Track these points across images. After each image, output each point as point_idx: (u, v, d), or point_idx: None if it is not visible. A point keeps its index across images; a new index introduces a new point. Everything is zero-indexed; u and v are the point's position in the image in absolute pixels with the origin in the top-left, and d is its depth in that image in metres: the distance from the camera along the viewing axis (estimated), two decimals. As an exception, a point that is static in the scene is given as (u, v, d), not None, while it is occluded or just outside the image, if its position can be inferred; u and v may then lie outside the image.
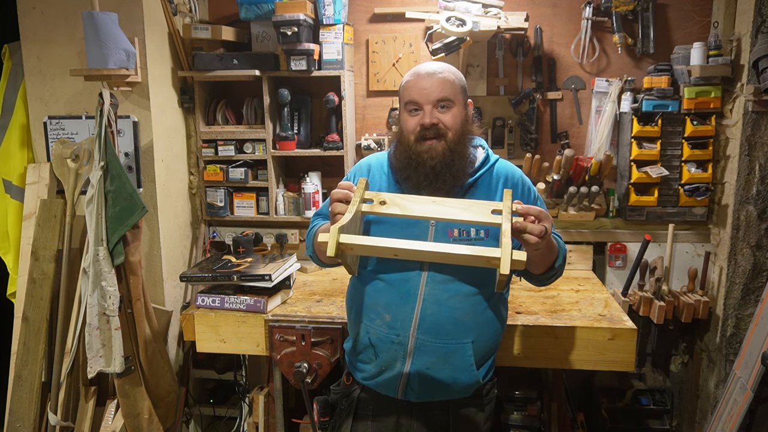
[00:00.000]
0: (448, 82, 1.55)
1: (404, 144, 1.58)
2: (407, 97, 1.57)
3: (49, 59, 2.50)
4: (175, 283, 2.69)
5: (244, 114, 2.78)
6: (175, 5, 2.59)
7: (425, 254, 1.36)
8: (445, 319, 1.55)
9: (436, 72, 1.55)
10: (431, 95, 1.53)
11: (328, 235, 1.31)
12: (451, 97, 1.54)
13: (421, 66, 1.60)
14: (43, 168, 2.55)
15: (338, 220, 1.38)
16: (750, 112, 2.29)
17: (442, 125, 1.53)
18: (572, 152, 2.56)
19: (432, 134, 1.53)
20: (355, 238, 1.34)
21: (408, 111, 1.57)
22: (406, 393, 1.58)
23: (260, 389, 2.54)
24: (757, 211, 2.34)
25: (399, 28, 2.76)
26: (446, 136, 1.54)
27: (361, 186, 1.46)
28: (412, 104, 1.56)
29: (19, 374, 2.41)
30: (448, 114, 1.54)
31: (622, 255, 2.66)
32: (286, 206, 2.78)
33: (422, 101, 1.54)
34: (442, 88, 1.53)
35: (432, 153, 1.53)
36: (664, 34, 2.60)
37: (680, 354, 2.75)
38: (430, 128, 1.53)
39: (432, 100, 1.53)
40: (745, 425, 2.08)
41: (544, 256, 1.52)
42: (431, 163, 1.52)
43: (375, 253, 1.45)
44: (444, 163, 1.52)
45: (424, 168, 1.53)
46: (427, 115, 1.53)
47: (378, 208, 1.45)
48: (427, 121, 1.53)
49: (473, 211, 1.41)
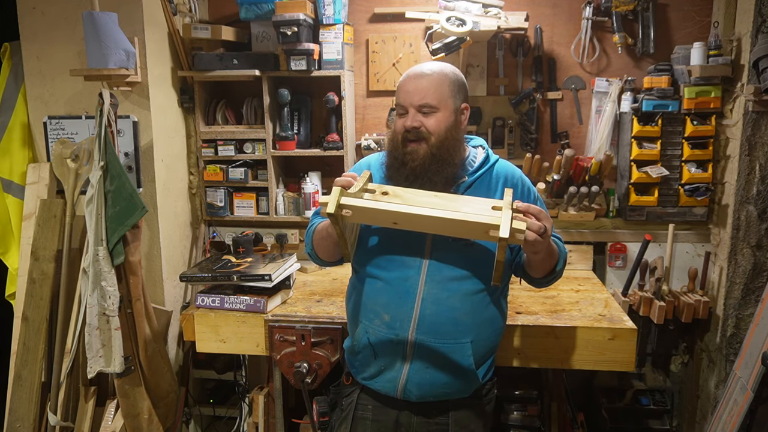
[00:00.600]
0: (435, 86, 1.53)
1: (393, 144, 1.59)
2: (396, 98, 1.59)
3: (49, 59, 2.50)
4: (175, 283, 2.69)
5: (244, 114, 2.78)
6: (175, 5, 2.59)
7: (424, 220, 1.37)
8: (444, 319, 1.55)
9: (425, 74, 1.55)
10: (413, 99, 1.53)
11: (329, 196, 1.32)
12: (433, 103, 1.53)
13: (415, 67, 1.60)
14: (43, 168, 2.55)
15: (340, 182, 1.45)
16: (750, 112, 2.29)
17: (425, 129, 1.53)
18: (572, 152, 2.56)
19: (413, 137, 1.54)
20: (356, 200, 1.37)
21: (397, 112, 1.59)
22: (406, 393, 1.58)
23: (260, 389, 2.53)
24: (758, 211, 2.34)
25: (399, 28, 2.76)
26: (429, 139, 1.53)
27: (365, 176, 1.49)
28: (399, 107, 1.58)
29: (19, 374, 2.41)
30: (432, 118, 1.54)
31: (622, 255, 2.66)
32: (286, 206, 2.78)
33: (406, 104, 1.55)
34: (425, 94, 1.53)
35: (414, 155, 1.53)
36: (664, 34, 2.60)
37: (680, 354, 2.75)
38: (411, 131, 1.54)
39: (414, 105, 1.53)
40: (745, 425, 2.08)
41: (544, 261, 1.53)
42: (412, 165, 1.53)
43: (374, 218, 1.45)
44: (424, 166, 1.53)
45: (404, 169, 1.54)
46: (410, 118, 1.54)
47: (380, 197, 1.45)
48: (408, 124, 1.54)
49: (474, 206, 1.42)
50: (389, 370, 1.59)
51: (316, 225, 1.70)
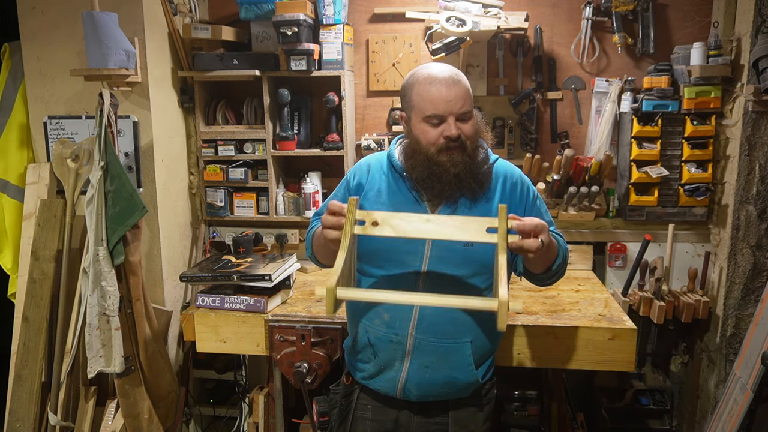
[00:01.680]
0: (466, 90, 1.53)
1: (423, 154, 1.54)
2: (430, 109, 1.51)
3: (49, 59, 2.50)
4: (175, 283, 2.69)
5: (244, 114, 2.78)
6: (175, 5, 2.59)
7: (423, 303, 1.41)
8: (443, 319, 1.55)
9: (455, 80, 1.52)
10: (454, 108, 1.50)
11: (325, 291, 1.31)
12: (470, 108, 1.54)
13: (433, 71, 1.54)
14: (43, 168, 2.55)
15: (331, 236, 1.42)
16: (750, 112, 2.29)
17: (464, 136, 1.53)
18: (572, 152, 2.56)
19: (456, 145, 1.52)
20: (351, 293, 1.37)
21: (428, 122, 1.53)
22: (405, 392, 1.58)
23: (260, 389, 2.53)
24: (757, 211, 2.34)
25: (399, 28, 2.76)
26: (465, 146, 1.53)
27: (351, 208, 1.43)
28: (435, 117, 1.52)
29: (19, 374, 2.41)
30: (468, 124, 1.54)
31: (622, 255, 2.66)
32: (286, 206, 2.78)
33: (445, 113, 1.51)
34: (464, 101, 1.52)
35: (454, 162, 1.52)
36: (664, 34, 2.60)
37: (680, 354, 2.75)
38: (455, 139, 1.52)
39: (456, 112, 1.51)
40: (745, 425, 2.08)
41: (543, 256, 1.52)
42: (455, 171, 1.51)
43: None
44: (466, 171, 1.53)
45: (448, 176, 1.52)
46: (452, 127, 1.51)
47: (370, 230, 1.44)
48: (453, 133, 1.50)
49: (468, 230, 1.41)
50: (389, 370, 1.59)
51: (316, 230, 1.68)
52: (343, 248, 1.39)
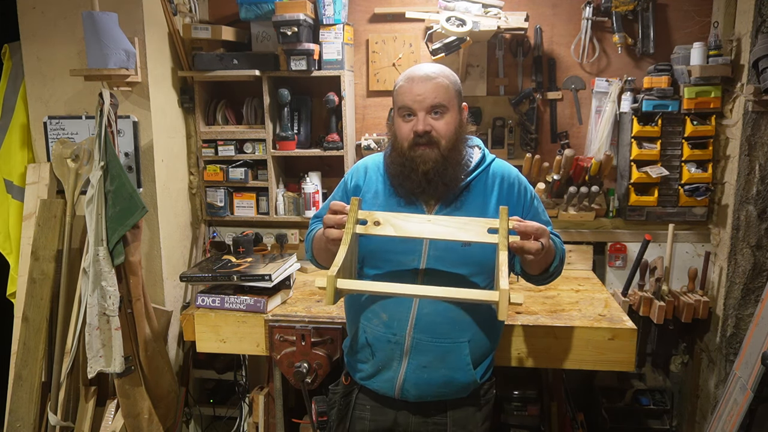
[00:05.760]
0: (443, 87, 1.52)
1: (398, 150, 1.56)
2: (401, 102, 1.54)
3: (49, 59, 2.50)
4: (175, 283, 2.69)
5: (244, 114, 2.78)
6: (175, 5, 2.59)
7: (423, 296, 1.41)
8: (441, 319, 1.55)
9: (431, 76, 1.52)
10: (425, 101, 1.50)
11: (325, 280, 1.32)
12: (444, 102, 1.51)
13: (415, 69, 1.56)
14: (43, 168, 2.55)
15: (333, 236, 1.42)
16: (750, 112, 2.29)
17: (435, 133, 1.51)
18: (572, 152, 2.56)
19: (425, 141, 1.51)
20: (351, 284, 1.37)
21: (402, 116, 1.55)
22: (403, 392, 1.58)
23: (260, 389, 2.54)
24: (757, 211, 2.34)
25: (399, 28, 2.76)
26: (439, 143, 1.52)
27: (354, 208, 1.44)
28: (405, 110, 1.53)
29: (19, 374, 2.41)
30: (441, 121, 1.52)
31: (622, 255, 2.66)
32: (286, 206, 2.78)
33: (415, 107, 1.51)
34: (436, 94, 1.50)
35: (424, 158, 1.51)
36: (664, 34, 2.60)
37: (680, 354, 2.75)
38: (422, 135, 1.51)
39: (425, 107, 1.50)
40: (745, 425, 2.08)
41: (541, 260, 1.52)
42: (423, 169, 1.51)
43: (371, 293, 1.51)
44: (436, 170, 1.51)
45: (416, 174, 1.52)
46: (420, 122, 1.50)
47: (372, 229, 1.45)
48: (420, 129, 1.50)
49: (469, 230, 1.42)
50: (387, 370, 1.59)
51: (316, 232, 1.68)
52: (345, 243, 1.40)
